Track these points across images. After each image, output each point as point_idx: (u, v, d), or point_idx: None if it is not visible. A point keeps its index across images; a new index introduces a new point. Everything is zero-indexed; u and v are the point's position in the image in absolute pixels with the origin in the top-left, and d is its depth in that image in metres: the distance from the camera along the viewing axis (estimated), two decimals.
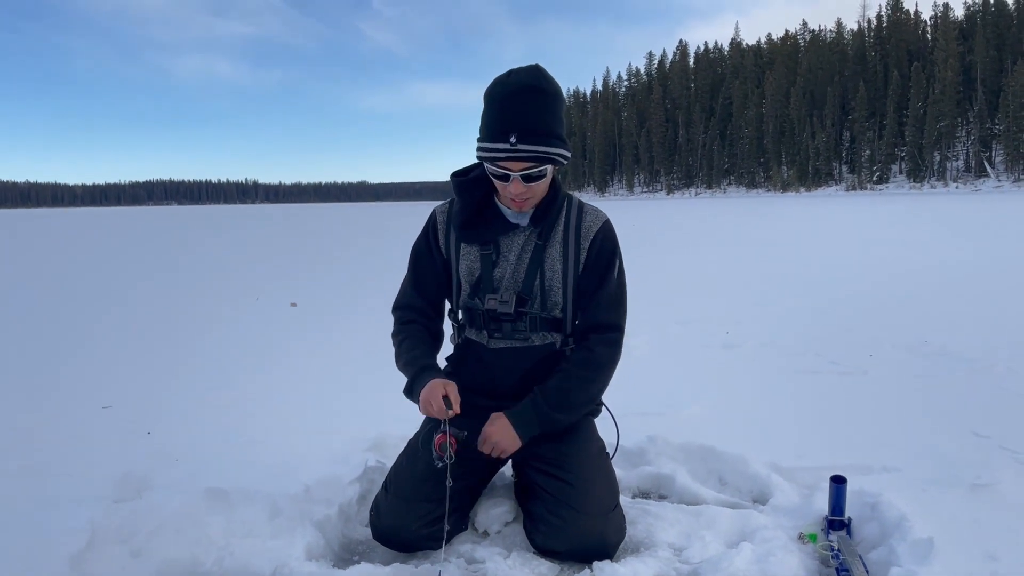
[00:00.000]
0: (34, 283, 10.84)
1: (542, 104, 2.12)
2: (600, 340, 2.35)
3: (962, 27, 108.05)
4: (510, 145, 2.09)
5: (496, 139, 2.12)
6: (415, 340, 2.40)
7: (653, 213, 38.57)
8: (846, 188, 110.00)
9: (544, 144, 2.11)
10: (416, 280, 2.46)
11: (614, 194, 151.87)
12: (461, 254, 2.39)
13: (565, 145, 2.17)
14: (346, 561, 2.31)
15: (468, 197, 2.34)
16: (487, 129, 2.16)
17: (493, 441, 2.26)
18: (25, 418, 3.75)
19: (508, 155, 2.11)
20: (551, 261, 2.33)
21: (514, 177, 2.15)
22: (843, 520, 2.33)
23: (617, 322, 2.39)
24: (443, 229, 2.42)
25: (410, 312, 2.46)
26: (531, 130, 2.10)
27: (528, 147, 2.10)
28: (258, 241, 22.30)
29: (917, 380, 4.17)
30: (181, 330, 6.44)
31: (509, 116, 2.11)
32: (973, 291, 7.51)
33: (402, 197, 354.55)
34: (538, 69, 2.17)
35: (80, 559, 2.07)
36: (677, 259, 12.05)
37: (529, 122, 2.10)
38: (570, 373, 2.31)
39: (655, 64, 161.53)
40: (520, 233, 2.34)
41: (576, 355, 2.35)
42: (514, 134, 2.09)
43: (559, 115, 2.17)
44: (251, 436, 3.37)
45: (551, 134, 2.13)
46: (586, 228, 2.35)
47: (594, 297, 2.36)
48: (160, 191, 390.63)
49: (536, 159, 2.12)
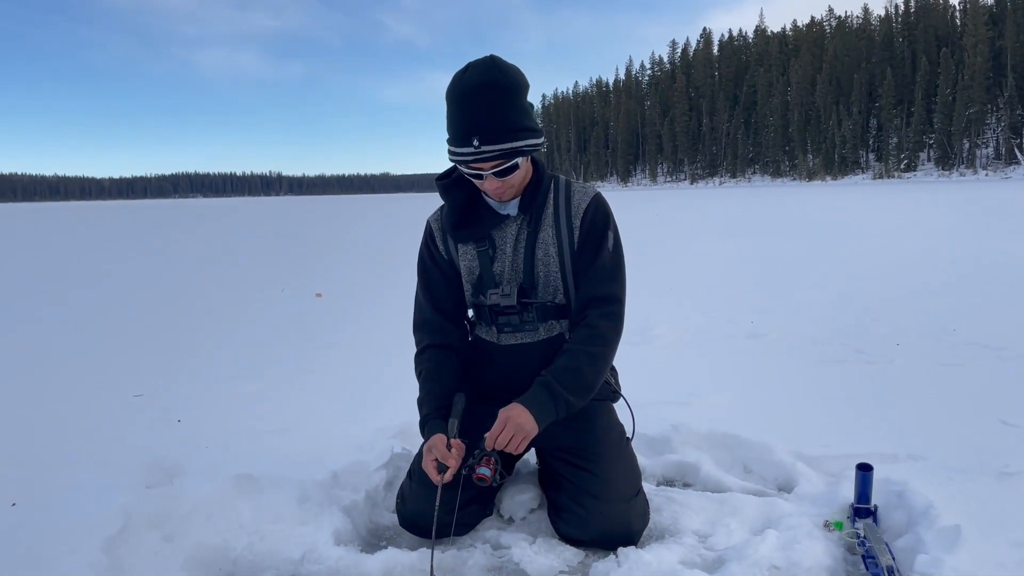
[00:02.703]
0: (66, 275, 11.01)
1: (499, 100, 2.09)
2: (600, 314, 2.28)
3: (992, 12, 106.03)
4: (474, 148, 2.08)
5: (460, 143, 2.11)
6: (428, 373, 2.37)
7: (677, 203, 38.37)
8: (873, 176, 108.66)
9: (508, 140, 2.09)
10: (428, 291, 2.45)
11: (637, 184, 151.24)
12: (460, 255, 2.39)
13: (533, 133, 2.15)
14: (373, 546, 2.34)
15: (454, 197, 2.34)
16: (451, 132, 2.15)
17: (513, 428, 2.12)
18: (59, 406, 3.83)
19: (474, 158, 2.11)
20: (545, 245, 2.31)
21: (487, 175, 2.15)
22: (869, 508, 2.32)
23: (616, 294, 2.31)
24: (439, 235, 2.43)
25: (425, 334, 2.43)
26: (492, 130, 2.08)
27: (492, 147, 2.08)
28: (282, 233, 22.45)
29: (944, 368, 4.13)
30: (209, 320, 6.53)
31: (469, 119, 2.10)
32: (1001, 279, 7.41)
33: (425, 188, 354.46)
34: (492, 62, 2.12)
35: (113, 543, 2.11)
36: (700, 248, 11.99)
37: (489, 122, 2.08)
38: (576, 352, 2.23)
39: (678, 53, 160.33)
40: (512, 223, 2.34)
41: (579, 332, 2.27)
42: (476, 137, 2.07)
43: (520, 105, 2.13)
44: (279, 424, 3.42)
45: (514, 128, 2.10)
46: (575, 206, 2.32)
47: (589, 270, 2.29)
48: (186, 184, 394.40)
49: (502, 156, 2.11)
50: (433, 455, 2.15)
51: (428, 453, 2.17)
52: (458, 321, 2.47)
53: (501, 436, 2.12)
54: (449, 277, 2.43)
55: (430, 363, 2.39)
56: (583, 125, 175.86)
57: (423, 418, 2.32)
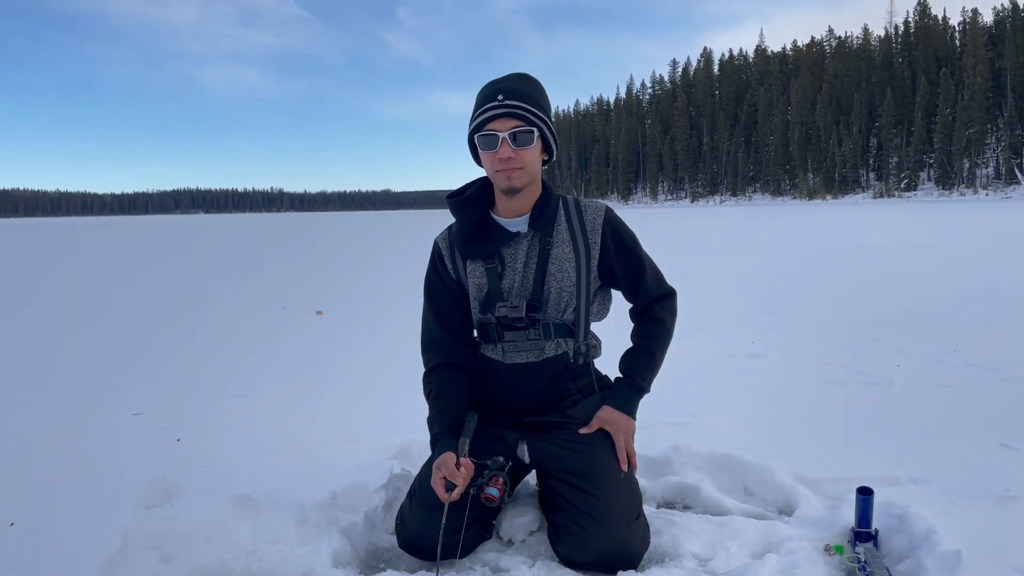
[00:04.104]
0: (64, 292, 11.01)
1: (529, 82, 2.30)
2: (663, 308, 2.46)
3: (991, 32, 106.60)
4: (498, 101, 2.21)
5: (485, 101, 2.24)
6: (438, 392, 2.39)
7: (678, 222, 38.41)
8: (873, 195, 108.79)
9: (531, 104, 2.24)
10: (435, 311, 2.47)
11: (638, 202, 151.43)
12: (468, 273, 2.40)
13: (550, 123, 2.29)
14: (372, 568, 2.33)
15: (465, 215, 2.37)
16: (477, 103, 2.29)
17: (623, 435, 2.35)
18: (58, 424, 3.82)
19: (496, 110, 2.21)
20: (559, 262, 2.34)
21: (502, 138, 2.21)
22: (870, 532, 2.31)
23: (670, 289, 2.50)
24: (447, 254, 2.44)
25: (434, 353, 2.45)
26: (518, 92, 2.23)
27: (515, 102, 2.21)
28: (283, 250, 22.48)
29: (945, 391, 4.13)
30: (209, 338, 6.52)
31: (497, 83, 2.27)
32: (1003, 300, 7.41)
33: (426, 205, 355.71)
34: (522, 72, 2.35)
35: (111, 564, 2.10)
36: (702, 267, 12.00)
37: (516, 87, 2.25)
38: (650, 347, 2.44)
39: (679, 71, 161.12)
40: (522, 240, 2.36)
41: (650, 328, 2.46)
42: (501, 93, 2.22)
43: (545, 99, 2.31)
44: (278, 443, 3.41)
45: (537, 103, 2.26)
46: (591, 222, 2.38)
47: (638, 276, 2.43)
48: (187, 200, 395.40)
49: (523, 118, 2.21)
50: (442, 473, 2.15)
51: (437, 471, 2.18)
52: (467, 340, 2.49)
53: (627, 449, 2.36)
54: (456, 296, 2.45)
55: (440, 382, 2.41)
56: (584, 143, 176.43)
57: (433, 436, 2.33)
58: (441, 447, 2.25)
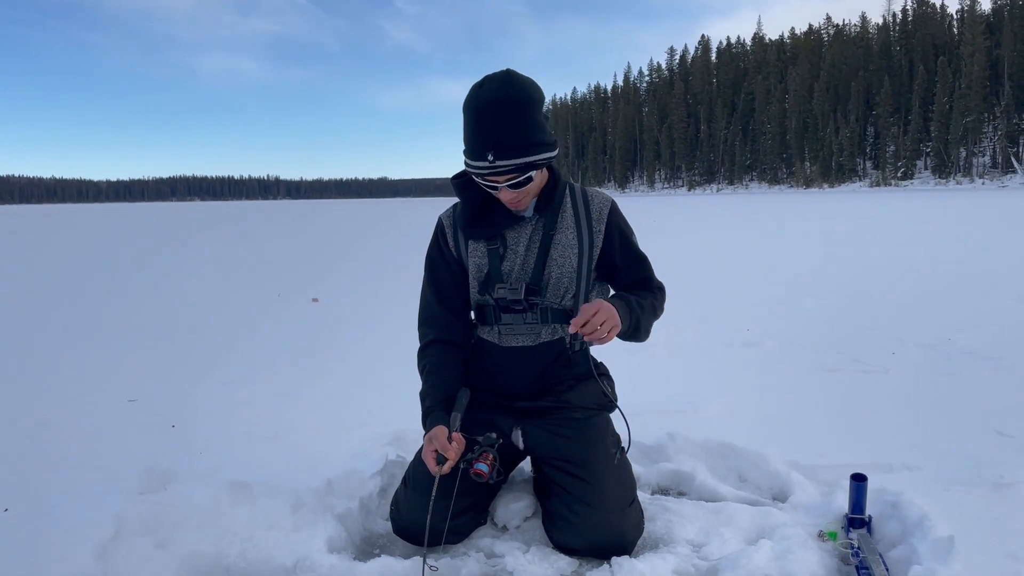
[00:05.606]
0: (60, 279, 10.99)
1: (514, 116, 2.12)
2: (655, 286, 2.46)
3: (989, 21, 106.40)
4: (488, 163, 2.12)
5: (476, 157, 2.15)
6: (432, 367, 2.40)
7: (675, 210, 38.40)
8: (870, 184, 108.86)
9: (522, 155, 2.13)
10: (435, 288, 2.47)
11: (635, 190, 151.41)
12: (470, 252, 2.40)
13: (547, 147, 2.19)
14: (367, 554, 2.33)
15: (470, 196, 2.36)
16: (467, 145, 2.18)
17: (607, 313, 2.12)
18: (52, 411, 3.82)
19: (489, 171, 2.14)
20: (562, 248, 2.34)
21: (501, 187, 2.19)
22: (863, 518, 2.32)
23: (661, 284, 2.50)
24: (451, 232, 2.44)
25: (431, 329, 2.45)
26: (507, 146, 2.11)
27: (506, 162, 2.12)
28: (279, 237, 22.44)
29: (940, 379, 4.14)
30: (204, 325, 6.51)
31: (484, 134, 2.13)
32: (998, 289, 7.42)
33: (422, 193, 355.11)
34: (508, 77, 2.15)
35: (106, 550, 2.10)
36: (697, 256, 12.00)
37: (504, 138, 2.12)
38: (644, 294, 2.38)
39: (676, 59, 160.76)
40: (527, 224, 2.36)
41: (644, 292, 2.42)
42: (490, 152, 2.11)
43: (535, 119, 2.16)
44: (273, 430, 3.41)
45: (529, 143, 2.14)
46: (596, 211, 2.38)
47: (632, 263, 2.43)
48: (184, 187, 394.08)
49: (516, 170, 2.15)
50: (434, 446, 2.16)
51: (429, 443, 2.18)
52: (464, 320, 2.49)
53: (594, 319, 2.10)
54: (456, 275, 2.44)
55: (434, 357, 2.41)
56: (581, 131, 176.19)
57: (426, 410, 2.33)
58: (433, 420, 2.26)
